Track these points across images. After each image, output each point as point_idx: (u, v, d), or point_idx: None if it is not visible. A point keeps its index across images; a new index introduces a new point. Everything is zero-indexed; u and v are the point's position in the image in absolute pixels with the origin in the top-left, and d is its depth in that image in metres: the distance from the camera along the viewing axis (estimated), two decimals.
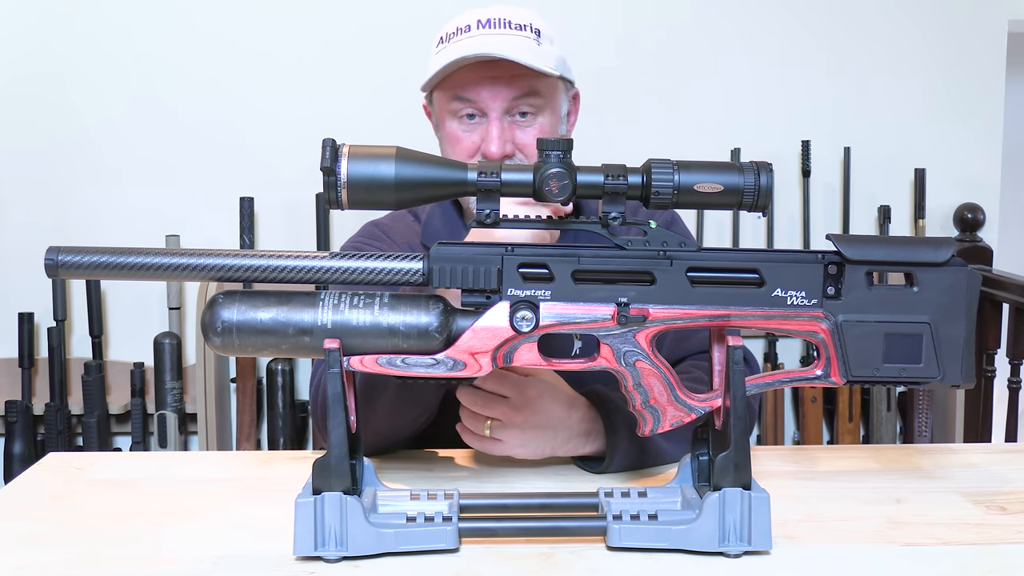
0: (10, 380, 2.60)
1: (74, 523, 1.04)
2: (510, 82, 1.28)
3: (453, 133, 1.33)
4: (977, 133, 2.72)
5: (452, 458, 1.26)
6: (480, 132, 1.31)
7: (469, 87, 1.29)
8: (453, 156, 1.32)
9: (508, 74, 1.28)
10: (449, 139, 1.34)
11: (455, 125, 1.32)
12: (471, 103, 1.30)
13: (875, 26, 2.68)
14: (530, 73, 1.28)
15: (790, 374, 1.01)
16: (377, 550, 0.93)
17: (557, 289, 0.96)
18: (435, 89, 1.35)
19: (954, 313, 0.98)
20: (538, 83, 1.30)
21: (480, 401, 1.17)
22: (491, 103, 1.29)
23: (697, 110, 2.67)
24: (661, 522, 0.95)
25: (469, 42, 1.27)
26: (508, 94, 1.29)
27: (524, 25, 1.29)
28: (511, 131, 1.30)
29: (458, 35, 1.29)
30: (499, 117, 1.29)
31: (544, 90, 1.31)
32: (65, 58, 2.58)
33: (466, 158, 1.31)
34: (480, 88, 1.28)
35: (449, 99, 1.31)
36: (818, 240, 2.67)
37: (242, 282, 1.05)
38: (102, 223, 2.61)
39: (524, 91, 1.29)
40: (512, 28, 1.28)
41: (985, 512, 1.07)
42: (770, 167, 0.94)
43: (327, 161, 0.90)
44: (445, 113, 1.33)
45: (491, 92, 1.28)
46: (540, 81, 1.30)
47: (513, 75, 1.28)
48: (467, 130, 1.32)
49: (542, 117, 1.31)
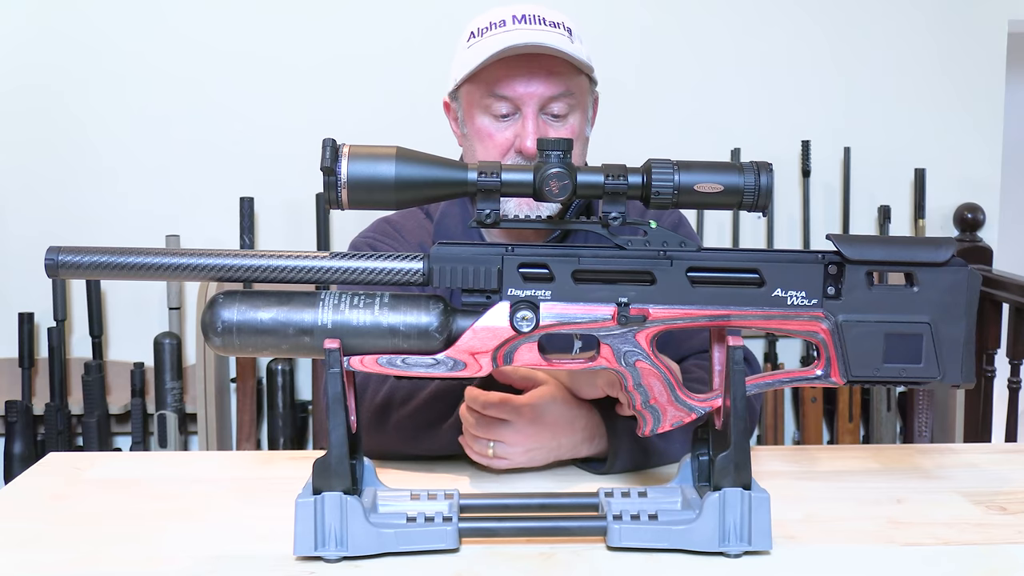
0: (10, 380, 2.60)
1: (74, 523, 1.04)
2: (547, 78, 1.27)
3: (484, 129, 1.30)
4: (977, 133, 2.72)
5: (452, 458, 1.26)
6: (514, 129, 1.29)
7: (505, 81, 1.27)
8: (484, 153, 1.31)
9: (545, 71, 1.27)
10: (479, 134, 1.31)
11: (487, 121, 1.30)
12: (506, 99, 1.28)
13: (875, 26, 2.68)
14: (566, 71, 1.28)
15: (790, 374, 1.01)
16: (377, 550, 0.93)
17: (557, 289, 0.96)
18: (465, 84, 1.32)
19: (954, 313, 0.98)
20: (572, 82, 1.29)
21: (483, 425, 1.16)
22: (528, 99, 1.27)
23: (697, 110, 2.67)
24: (661, 522, 0.95)
25: (508, 36, 1.25)
26: (545, 90, 1.27)
27: (557, 23, 1.29)
28: (544, 129, 1.29)
29: (492, 30, 1.27)
30: (535, 113, 1.28)
31: (577, 90, 1.30)
32: (66, 58, 2.58)
33: (498, 154, 1.30)
34: (516, 83, 1.27)
35: (483, 94, 1.29)
36: (818, 240, 2.67)
37: (242, 282, 1.05)
38: (102, 223, 2.61)
39: (560, 89, 1.28)
40: (548, 24, 1.28)
41: (985, 512, 1.07)
42: (770, 167, 0.94)
43: (327, 161, 0.90)
44: (476, 108, 1.31)
45: (528, 87, 1.27)
46: (574, 80, 1.30)
47: (550, 72, 1.27)
48: (500, 127, 1.30)
49: (573, 117, 1.31)
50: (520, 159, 1.28)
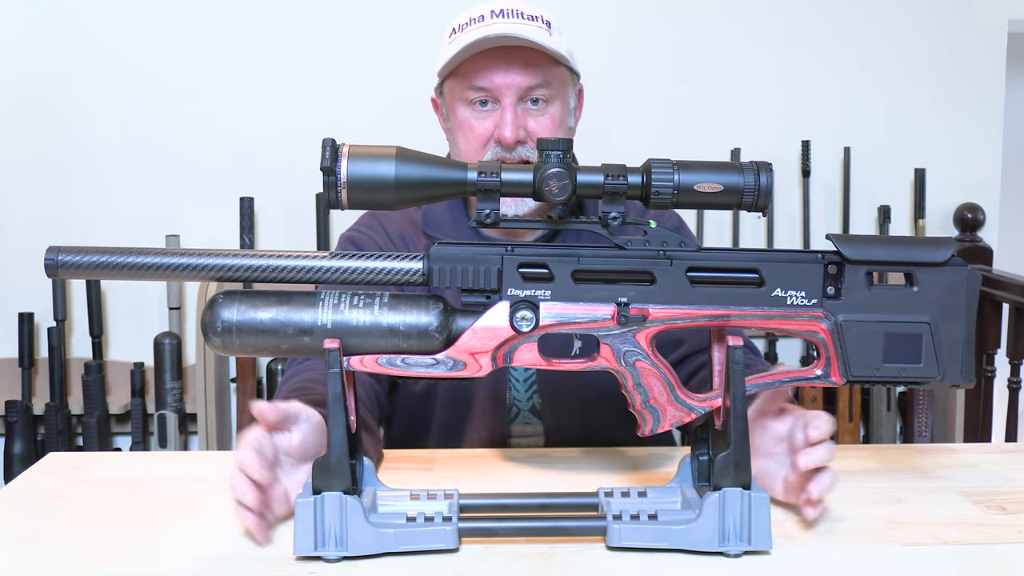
0: (10, 380, 2.60)
1: (74, 523, 1.04)
2: (524, 69, 1.30)
3: (465, 121, 1.34)
4: (977, 133, 2.72)
5: (452, 458, 1.26)
6: (493, 119, 1.32)
7: (483, 73, 1.30)
8: (465, 144, 1.34)
9: (522, 62, 1.30)
10: (461, 127, 1.34)
11: (467, 113, 1.33)
12: (484, 90, 1.31)
13: (875, 26, 2.68)
14: (543, 62, 1.31)
15: (790, 374, 1.01)
16: (377, 550, 0.93)
17: (557, 289, 0.96)
18: (447, 78, 1.36)
19: (954, 313, 0.98)
20: (550, 72, 1.32)
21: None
22: (505, 89, 1.30)
23: (697, 110, 2.67)
24: (661, 522, 0.95)
25: (484, 29, 1.28)
26: (522, 80, 1.30)
27: (536, 16, 1.32)
28: (523, 118, 1.32)
29: (472, 24, 1.30)
30: (513, 103, 1.31)
31: (555, 80, 1.33)
32: (66, 58, 2.58)
33: (479, 145, 1.32)
34: (494, 74, 1.30)
35: (463, 87, 1.32)
36: (818, 240, 2.67)
37: (242, 282, 1.05)
38: (102, 223, 2.61)
39: (538, 79, 1.31)
40: (525, 18, 1.31)
41: (985, 512, 1.07)
42: (770, 167, 0.94)
43: (327, 161, 0.90)
44: (457, 101, 1.34)
45: (505, 78, 1.30)
46: (552, 71, 1.32)
47: (527, 63, 1.30)
48: (480, 117, 1.33)
49: (552, 107, 1.33)
50: (499, 149, 1.31)
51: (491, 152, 1.32)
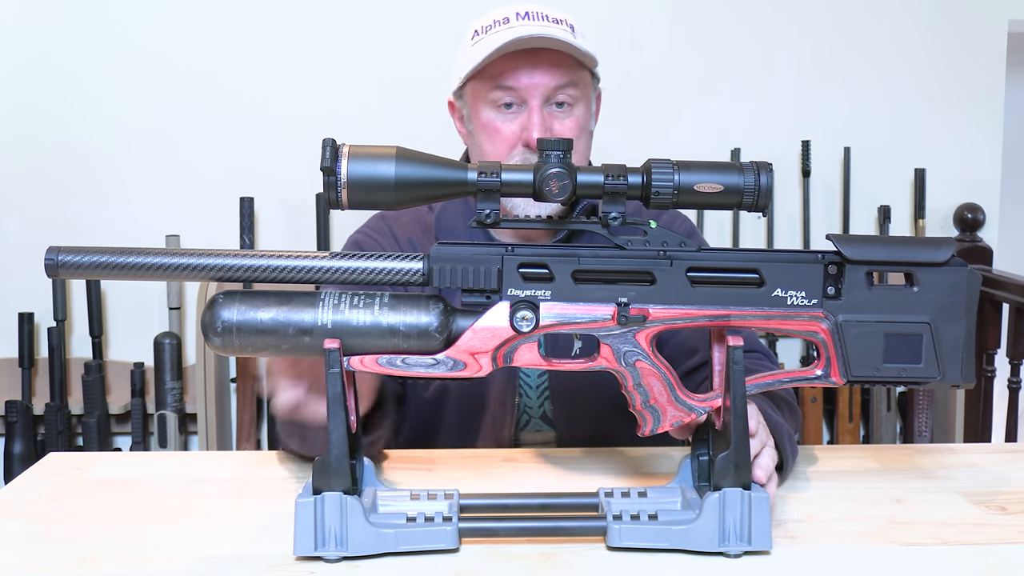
0: (10, 380, 2.60)
1: (74, 523, 1.04)
2: (551, 70, 1.29)
3: (491, 123, 1.32)
4: (977, 133, 2.72)
5: (452, 458, 1.26)
6: (520, 121, 1.31)
7: (510, 74, 1.29)
8: (491, 147, 1.32)
9: (550, 63, 1.29)
10: (486, 129, 1.33)
11: (493, 115, 1.32)
12: (512, 90, 1.30)
13: (875, 26, 2.68)
14: (569, 64, 1.30)
15: (790, 374, 1.01)
16: (377, 550, 0.93)
17: (557, 289, 0.96)
18: (470, 80, 1.34)
19: (954, 313, 0.98)
20: (576, 75, 1.32)
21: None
22: (533, 90, 1.30)
23: (697, 110, 2.67)
24: (661, 522, 0.95)
25: (514, 30, 1.27)
26: (550, 82, 1.30)
27: (560, 19, 1.31)
28: (549, 121, 1.31)
29: (496, 27, 1.30)
30: (539, 105, 1.30)
31: (581, 82, 1.33)
32: (65, 58, 2.58)
33: (506, 148, 1.31)
34: (521, 75, 1.29)
35: (488, 88, 1.31)
36: (818, 240, 2.67)
37: (242, 282, 1.05)
38: (102, 223, 2.61)
39: (564, 81, 1.30)
40: (550, 21, 1.30)
41: (985, 512, 1.07)
42: (770, 167, 0.94)
43: (327, 161, 0.90)
44: (481, 103, 1.33)
45: (532, 79, 1.29)
46: (578, 73, 1.32)
47: (554, 64, 1.29)
48: (505, 120, 1.32)
49: (577, 109, 1.33)
50: (527, 152, 1.29)
51: (519, 155, 1.30)
